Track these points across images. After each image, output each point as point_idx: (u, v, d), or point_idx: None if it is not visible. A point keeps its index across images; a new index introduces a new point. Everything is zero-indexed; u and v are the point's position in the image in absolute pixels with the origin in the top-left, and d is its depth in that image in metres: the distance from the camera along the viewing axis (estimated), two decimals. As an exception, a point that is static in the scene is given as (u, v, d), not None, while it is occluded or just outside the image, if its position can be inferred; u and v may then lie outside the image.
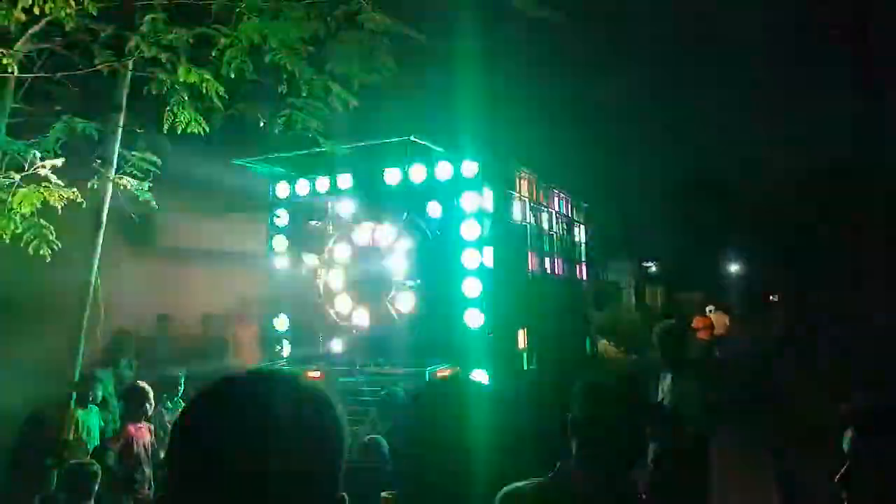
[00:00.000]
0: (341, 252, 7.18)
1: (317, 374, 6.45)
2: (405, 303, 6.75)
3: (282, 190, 7.40)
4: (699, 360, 12.47)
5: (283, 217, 7.45)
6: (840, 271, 16.79)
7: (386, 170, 6.79)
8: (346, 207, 7.14)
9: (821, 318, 13.98)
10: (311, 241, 7.34)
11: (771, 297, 21.57)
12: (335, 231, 7.25)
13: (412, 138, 6.17)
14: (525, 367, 7.03)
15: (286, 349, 7.34)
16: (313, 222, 7.37)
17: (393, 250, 6.92)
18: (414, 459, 1.66)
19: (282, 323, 7.40)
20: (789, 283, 21.10)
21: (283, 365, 7.05)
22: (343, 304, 7.08)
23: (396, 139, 6.34)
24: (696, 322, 13.81)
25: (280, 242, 7.41)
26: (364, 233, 7.09)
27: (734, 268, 32.11)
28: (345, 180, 7.09)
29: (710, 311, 14.40)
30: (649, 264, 35.21)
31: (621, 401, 2.02)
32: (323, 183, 7.23)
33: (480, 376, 6.12)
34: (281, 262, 7.34)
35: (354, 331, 7.00)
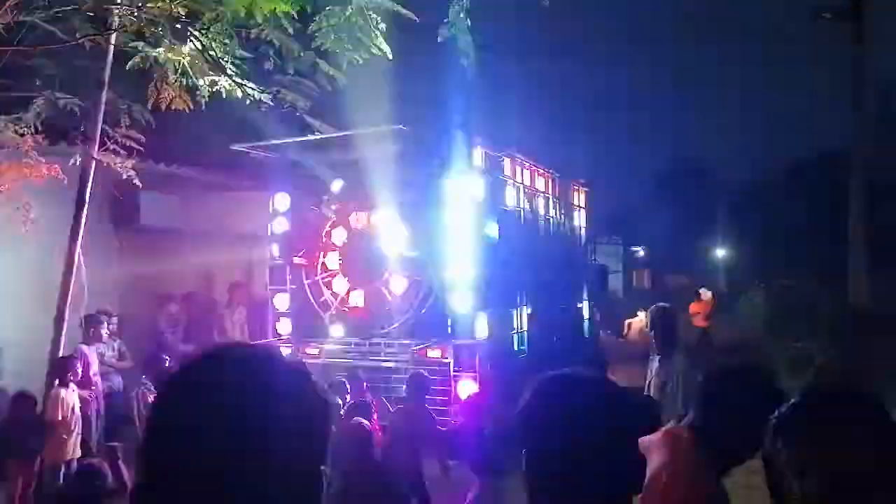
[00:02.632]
0: (338, 236, 7.35)
1: (315, 351, 6.71)
2: (398, 285, 6.91)
3: (284, 173, 7.58)
4: (696, 345, 12.52)
5: (283, 201, 7.60)
6: (823, 258, 16.91)
7: (380, 156, 6.86)
8: (342, 193, 7.29)
9: (801, 305, 14.13)
10: (309, 225, 7.53)
11: (757, 283, 21.77)
12: (332, 215, 7.41)
13: (402, 127, 6.29)
14: (516, 349, 7.19)
15: (286, 327, 7.50)
16: (312, 207, 7.54)
17: (386, 235, 7.06)
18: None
19: (282, 302, 7.55)
20: (772, 269, 21.26)
21: (283, 342, 7.20)
22: (339, 285, 7.25)
23: (388, 127, 6.48)
24: (693, 307, 13.73)
25: (280, 225, 7.56)
26: (359, 217, 7.26)
27: (720, 253, 32.34)
28: (343, 165, 7.19)
29: (703, 293, 14.24)
30: (637, 249, 35.44)
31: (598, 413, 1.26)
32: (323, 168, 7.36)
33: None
34: (281, 244, 7.50)
35: (350, 311, 7.19)
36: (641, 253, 35.78)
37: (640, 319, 13.60)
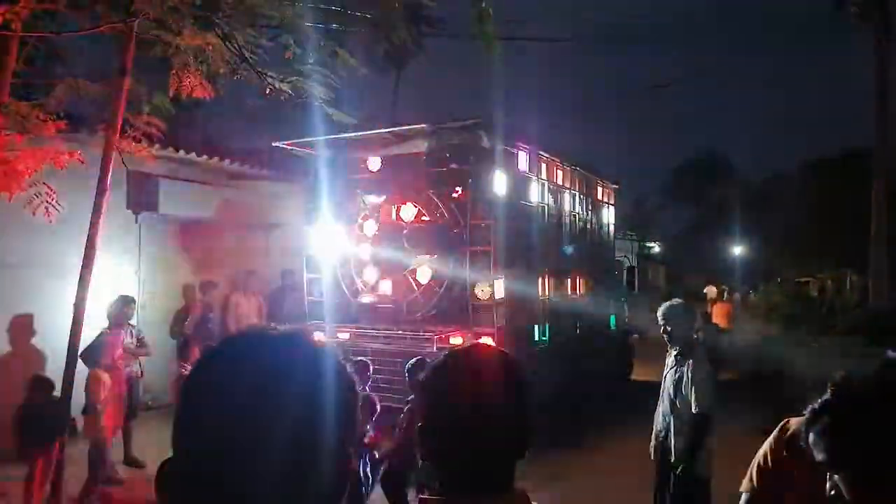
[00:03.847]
0: (369, 228, 7.63)
1: (346, 335, 7.11)
2: (423, 275, 7.18)
3: (321, 168, 7.89)
4: (712, 344, 12.46)
5: (320, 194, 7.94)
6: (843, 257, 16.73)
7: (409, 153, 7.21)
8: (374, 187, 7.63)
9: (820, 302, 14.00)
10: (343, 216, 7.87)
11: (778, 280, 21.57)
12: (365, 208, 7.71)
13: (429, 125, 6.73)
14: (536, 340, 7.37)
15: (319, 312, 7.87)
16: (346, 200, 7.89)
17: (414, 227, 7.34)
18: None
19: (317, 288, 7.93)
20: (791, 266, 21.05)
21: (314, 326, 7.46)
22: (369, 274, 7.55)
23: (417, 126, 6.92)
24: (713, 307, 13.64)
25: (317, 217, 7.92)
26: (389, 211, 7.52)
27: (737, 250, 32.02)
28: (374, 162, 7.57)
29: (712, 289, 14.14)
30: (651, 245, 35.23)
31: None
32: (356, 164, 7.73)
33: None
34: (317, 235, 7.90)
35: (378, 298, 7.50)
36: (656, 249, 35.55)
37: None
